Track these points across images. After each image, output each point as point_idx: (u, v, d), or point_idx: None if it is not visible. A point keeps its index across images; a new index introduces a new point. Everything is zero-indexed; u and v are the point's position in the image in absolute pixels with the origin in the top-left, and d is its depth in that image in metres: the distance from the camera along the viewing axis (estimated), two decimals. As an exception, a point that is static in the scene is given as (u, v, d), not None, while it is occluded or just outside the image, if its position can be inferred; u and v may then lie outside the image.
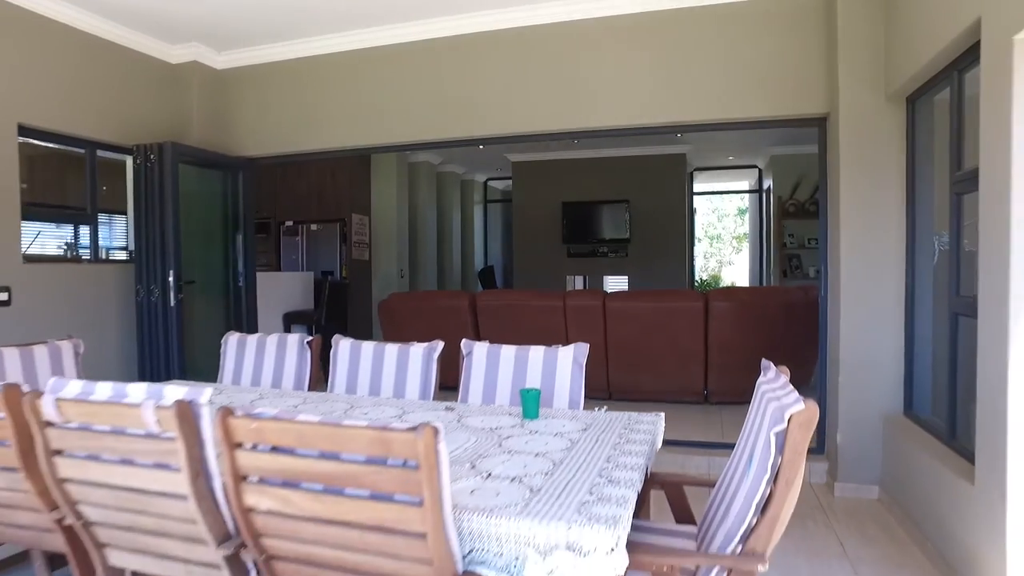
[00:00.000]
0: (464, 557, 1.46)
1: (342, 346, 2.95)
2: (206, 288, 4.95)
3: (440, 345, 2.81)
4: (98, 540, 1.86)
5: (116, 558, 1.88)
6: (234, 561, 1.69)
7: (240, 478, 1.51)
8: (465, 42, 4.59)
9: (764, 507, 1.55)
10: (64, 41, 4.20)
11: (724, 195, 16.00)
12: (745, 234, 16.30)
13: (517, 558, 1.45)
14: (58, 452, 1.75)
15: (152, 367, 4.38)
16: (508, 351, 2.67)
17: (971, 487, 2.47)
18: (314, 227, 7.92)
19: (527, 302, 5.53)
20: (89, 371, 3.12)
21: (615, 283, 9.82)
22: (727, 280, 16.45)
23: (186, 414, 1.55)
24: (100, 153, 4.51)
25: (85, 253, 4.53)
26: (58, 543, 2.00)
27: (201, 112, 5.01)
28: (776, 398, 1.60)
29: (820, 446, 4.03)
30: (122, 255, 4.83)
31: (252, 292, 5.13)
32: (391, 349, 2.86)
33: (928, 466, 2.94)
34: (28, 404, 1.72)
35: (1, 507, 2.01)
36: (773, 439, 1.50)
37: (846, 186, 3.70)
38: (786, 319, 5.17)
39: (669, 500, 2.18)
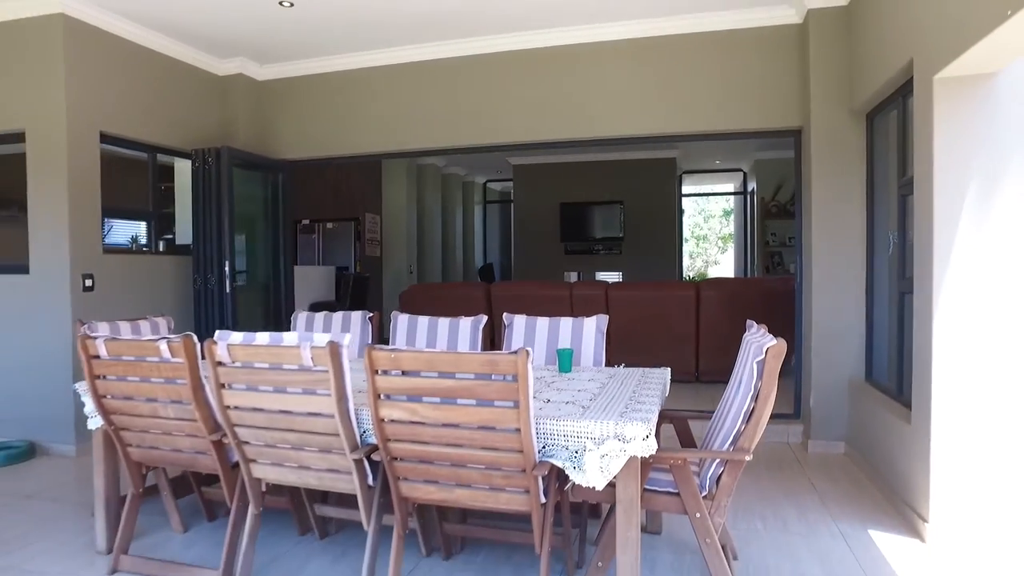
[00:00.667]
0: (538, 452, 2.08)
1: (400, 319, 3.56)
2: (248, 278, 5.52)
3: (484, 319, 3.44)
4: (247, 456, 2.46)
5: (258, 471, 2.48)
6: (360, 466, 2.30)
7: (378, 396, 2.13)
8: (481, 61, 5.21)
9: (749, 417, 2.20)
10: (134, 58, 4.76)
11: (711, 196, 16.74)
12: (730, 234, 17.06)
13: (577, 450, 2.08)
14: (224, 385, 2.35)
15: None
16: (543, 321, 3.31)
17: (908, 426, 3.14)
18: (330, 225, 8.49)
19: (537, 292, 6.17)
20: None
21: (609, 279, 10.47)
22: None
23: (335, 352, 2.17)
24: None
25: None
26: (207, 464, 2.60)
27: (245, 119, 5.59)
28: (756, 340, 2.25)
29: (796, 412, 4.71)
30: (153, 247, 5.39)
31: (290, 282, 5.71)
32: (443, 321, 3.48)
33: (881, 418, 3.61)
34: (207, 348, 2.32)
35: (166, 434, 2.60)
36: (755, 367, 2.15)
37: (817, 189, 4.38)
38: (767, 306, 5.86)
39: (677, 432, 2.83)
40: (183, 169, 5.34)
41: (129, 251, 4.95)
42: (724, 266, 18.42)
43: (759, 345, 2.17)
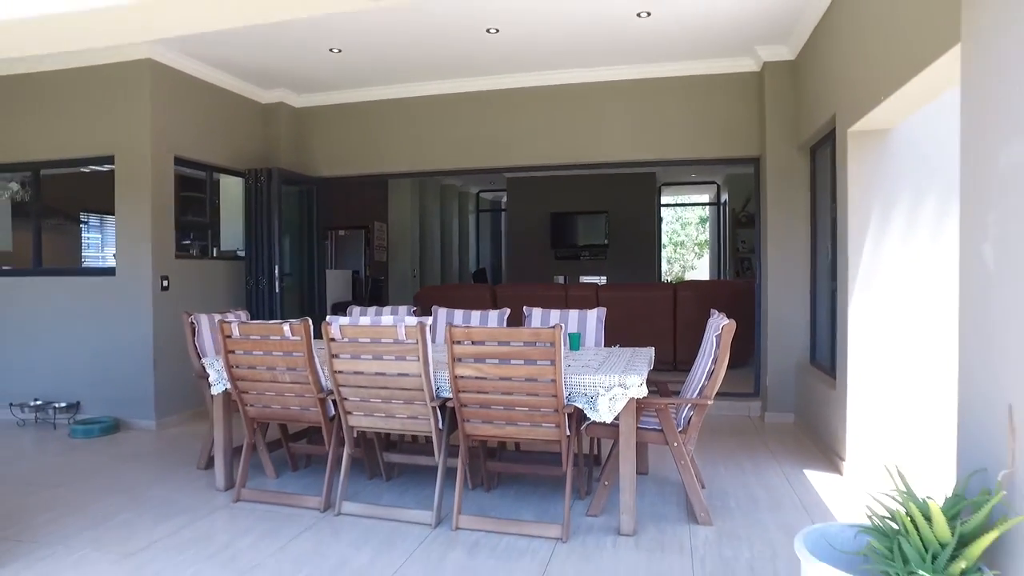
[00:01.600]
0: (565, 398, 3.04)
1: (440, 312, 4.49)
2: (288, 279, 6.39)
3: (508, 311, 4.38)
4: (346, 409, 3.37)
5: (354, 420, 3.40)
6: (435, 412, 3.23)
7: (455, 360, 3.06)
8: (491, 95, 6.16)
9: (710, 375, 3.18)
10: (197, 91, 5.63)
11: (687, 207, 17.88)
12: (706, 241, 18.23)
13: (592, 396, 3.04)
14: (335, 356, 3.27)
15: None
16: (555, 312, 4.27)
17: (834, 391, 4.17)
18: (342, 233, 9.36)
19: (536, 292, 7.13)
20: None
21: (596, 279, 11.48)
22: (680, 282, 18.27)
23: (423, 329, 3.10)
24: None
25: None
26: (312, 417, 3.51)
27: (285, 141, 6.48)
28: (716, 322, 3.23)
29: (756, 391, 5.73)
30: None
31: (323, 283, 6.60)
32: (475, 313, 4.42)
33: (819, 390, 4.64)
34: (323, 328, 3.23)
35: (279, 395, 3.50)
36: (715, 340, 3.14)
37: (772, 208, 5.41)
38: (735, 304, 6.84)
39: (659, 392, 3.80)
40: (229, 185, 6.20)
41: (193, 256, 5.78)
42: (700, 270, 19.58)
43: (717, 324, 3.16)
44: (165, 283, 5.25)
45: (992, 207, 1.88)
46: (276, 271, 5.80)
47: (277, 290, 5.81)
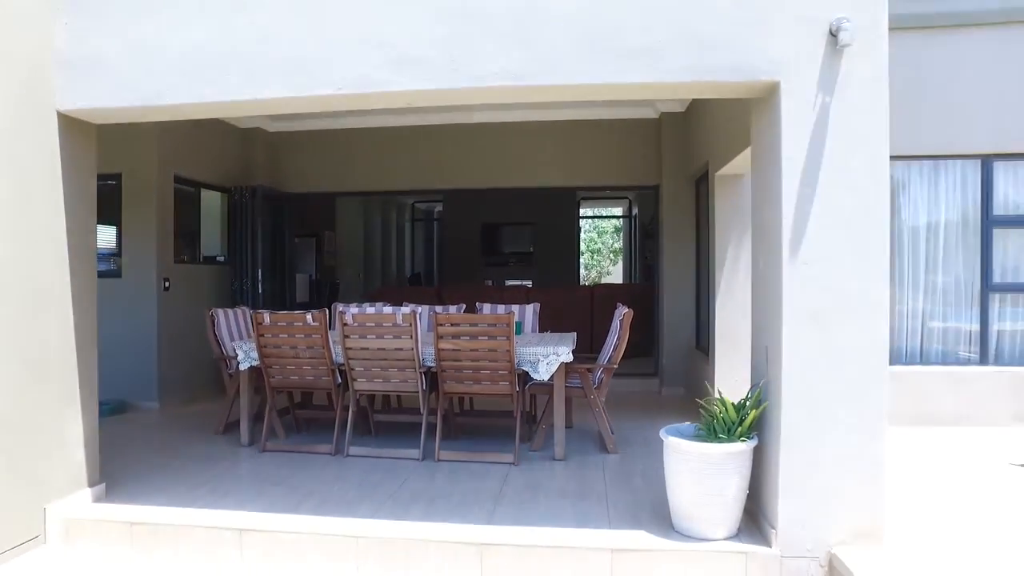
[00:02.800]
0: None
1: (421, 309, 5.74)
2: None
3: (464, 305, 5.69)
4: (353, 376, 4.59)
5: (359, 385, 4.63)
6: (421, 377, 4.51)
7: (439, 337, 4.36)
8: (443, 129, 7.45)
9: (614, 348, 4.64)
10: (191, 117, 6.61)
11: (604, 219, 19.72)
12: (620, 248, 20.14)
13: (534, 361, 4.42)
14: (348, 336, 4.49)
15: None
16: (501, 307, 5.62)
17: (707, 364, 5.75)
18: (296, 240, 10.30)
19: (477, 292, 8.45)
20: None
21: (523, 283, 12.92)
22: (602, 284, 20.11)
23: (415, 316, 4.38)
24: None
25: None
26: (324, 384, 4.70)
27: (261, 161, 7.51)
28: (619, 310, 4.70)
29: (655, 371, 7.30)
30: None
31: (293, 285, 7.66)
32: (442, 307, 5.70)
33: (700, 366, 6.22)
34: (338, 316, 4.45)
35: (298, 368, 4.67)
36: (618, 323, 4.60)
37: (667, 227, 7.01)
38: (640, 303, 8.44)
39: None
40: (209, 198, 7.17)
41: (185, 261, 6.73)
42: (615, 275, 21.51)
43: (620, 312, 4.62)
44: (167, 284, 6.21)
45: (759, 241, 3.40)
46: (259, 274, 6.85)
47: (260, 291, 6.86)
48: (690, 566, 3.11)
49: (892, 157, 3.15)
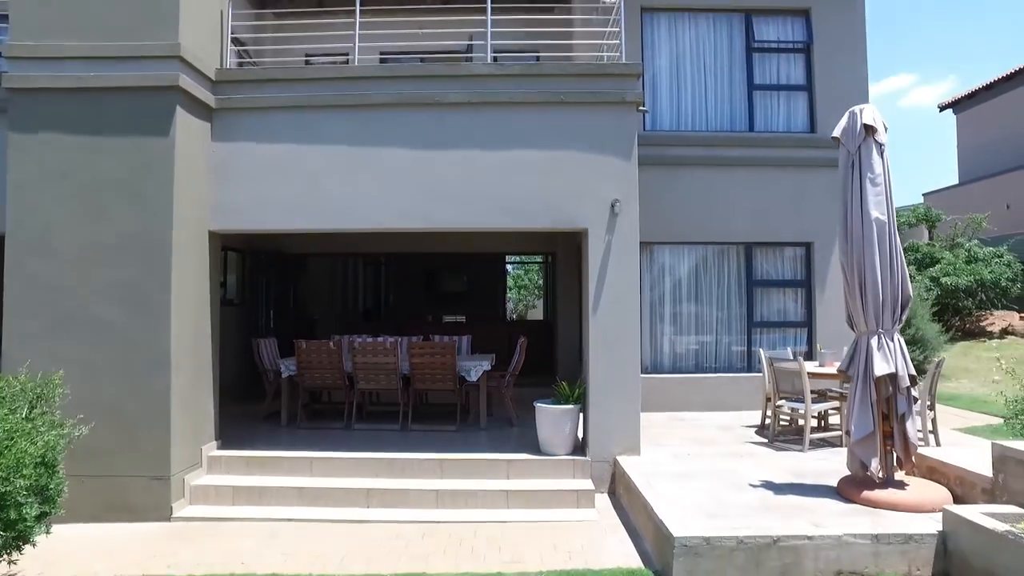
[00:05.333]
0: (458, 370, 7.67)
1: (397, 338, 8.93)
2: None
3: (422, 336, 8.91)
4: (360, 379, 7.74)
5: (362, 384, 7.78)
6: (400, 380, 7.71)
7: (412, 356, 7.58)
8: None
9: (516, 363, 7.99)
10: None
11: (527, 264, 23.25)
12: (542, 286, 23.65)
13: (469, 370, 7.71)
14: (357, 355, 7.64)
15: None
16: (446, 337, 8.88)
17: (583, 367, 9.18)
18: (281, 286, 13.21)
19: (425, 327, 11.65)
20: (249, 351, 8.73)
21: (458, 318, 16.17)
22: (529, 317, 23.58)
23: (396, 344, 7.61)
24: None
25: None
26: (340, 385, 7.83)
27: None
28: (520, 340, 8.08)
29: (554, 379, 10.70)
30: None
31: (291, 323, 10.66)
32: (409, 337, 8.90)
33: (579, 368, 9.64)
34: (349, 343, 7.61)
35: (322, 376, 7.78)
36: (519, 347, 7.97)
37: (560, 278, 10.48)
38: (547, 332, 11.90)
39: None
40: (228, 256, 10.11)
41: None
42: (539, 309, 25.01)
43: (520, 341, 8.00)
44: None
45: (584, 301, 6.84)
46: (271, 315, 9.86)
47: (271, 325, 9.86)
48: (546, 467, 6.43)
49: (696, 243, 6.74)
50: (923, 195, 21.65)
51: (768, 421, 7.44)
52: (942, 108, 21.45)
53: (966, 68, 54.59)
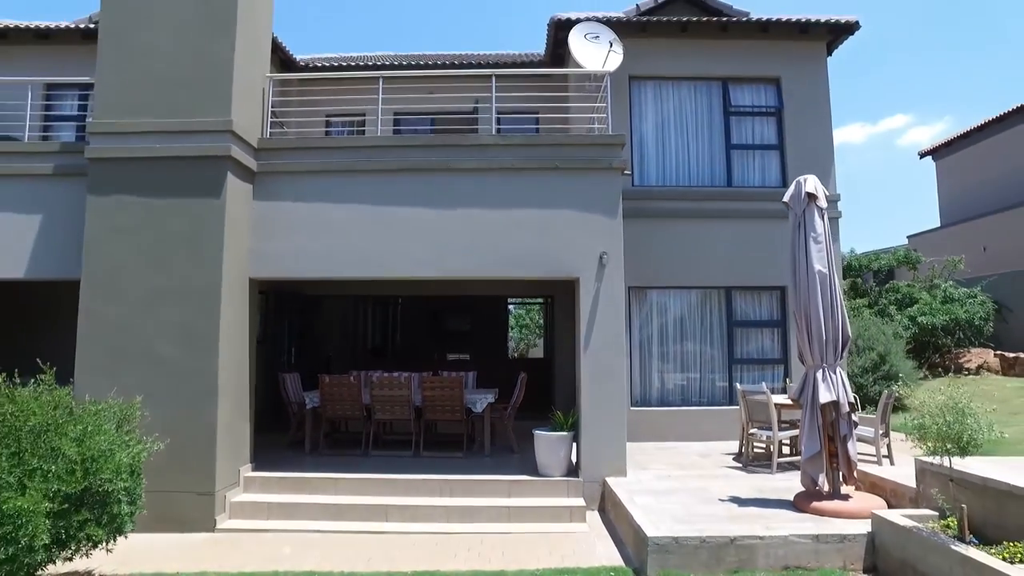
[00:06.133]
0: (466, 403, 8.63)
1: (410, 374, 9.91)
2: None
3: (431, 372, 9.89)
4: (377, 410, 8.70)
5: (379, 415, 8.74)
6: (414, 411, 8.66)
7: (424, 389, 8.55)
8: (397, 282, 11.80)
9: (519, 396, 8.96)
10: (253, 252, 10.73)
11: (529, 304, 24.28)
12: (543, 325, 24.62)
13: (475, 402, 8.67)
14: (375, 388, 8.61)
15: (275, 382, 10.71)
16: (454, 373, 9.86)
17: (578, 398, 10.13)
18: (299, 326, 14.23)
19: (434, 363, 12.63)
20: (271, 384, 9.72)
21: (462, 356, 17.13)
22: (531, 355, 24.49)
23: (410, 379, 8.59)
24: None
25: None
26: (358, 415, 8.79)
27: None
28: (520, 376, 9.05)
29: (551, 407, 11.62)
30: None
31: (312, 357, 11.64)
32: (420, 374, 9.88)
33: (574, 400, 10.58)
34: (366, 378, 8.60)
35: (342, 408, 8.74)
36: (519, 382, 8.95)
37: (558, 320, 11.49)
38: (547, 368, 12.85)
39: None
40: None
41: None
42: (540, 347, 25.93)
43: (522, 377, 8.98)
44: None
45: (576, 340, 7.84)
46: (293, 351, 10.85)
47: (293, 361, 10.84)
48: (544, 487, 7.34)
49: (681, 287, 7.79)
50: (907, 237, 22.76)
51: (744, 448, 8.35)
52: (922, 155, 22.73)
53: (961, 109, 56.58)
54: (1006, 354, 15.14)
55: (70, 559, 4.71)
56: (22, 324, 9.57)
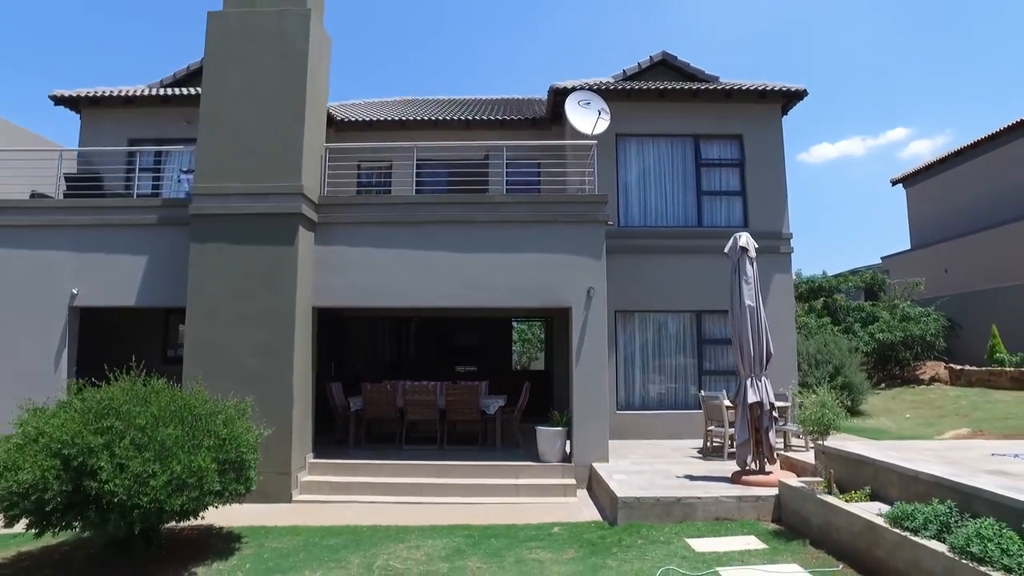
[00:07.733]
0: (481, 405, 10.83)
1: (436, 382, 12.12)
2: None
3: (450, 381, 12.11)
4: (407, 413, 10.91)
5: (409, 416, 10.96)
6: (439, 412, 10.87)
7: (448, 395, 10.77)
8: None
9: (525, 400, 11.18)
10: (300, 280, 12.99)
11: (532, 320, 26.48)
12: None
13: (488, 405, 10.88)
14: (408, 393, 10.83)
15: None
16: (470, 382, 12.07)
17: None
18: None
19: (449, 374, 14.83)
20: (316, 391, 11.95)
21: (471, 368, 19.32)
22: (533, 367, 26.68)
23: (439, 385, 10.81)
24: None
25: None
26: (394, 417, 11.01)
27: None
28: (525, 383, 11.27)
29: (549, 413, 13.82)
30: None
31: (353, 371, 13.87)
32: (442, 383, 12.10)
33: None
34: (401, 385, 10.83)
35: (380, 409, 10.96)
36: (524, 389, 11.17)
37: (556, 335, 13.71)
38: (546, 378, 15.05)
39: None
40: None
41: (294, 357, 12.85)
42: (541, 360, 28.10)
43: (526, 385, 11.20)
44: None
45: (570, 354, 10.06)
46: (333, 364, 13.07)
47: (332, 373, 13.06)
48: (544, 470, 9.55)
49: (659, 311, 10.07)
50: (881, 258, 25.02)
51: (705, 442, 10.55)
52: (894, 183, 25.01)
53: (963, 122, 58.93)
54: (954, 366, 17.36)
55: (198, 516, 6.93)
56: (114, 339, 11.82)
